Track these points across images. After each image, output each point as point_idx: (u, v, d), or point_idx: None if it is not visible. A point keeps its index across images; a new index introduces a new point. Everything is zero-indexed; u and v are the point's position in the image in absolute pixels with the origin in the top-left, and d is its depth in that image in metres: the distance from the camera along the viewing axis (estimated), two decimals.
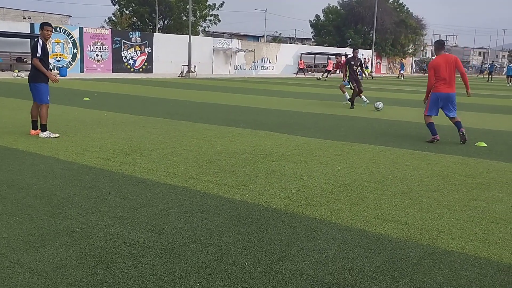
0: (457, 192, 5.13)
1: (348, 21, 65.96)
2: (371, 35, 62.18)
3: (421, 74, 68.70)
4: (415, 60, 77.36)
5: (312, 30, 72.27)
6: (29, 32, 30.99)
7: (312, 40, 74.98)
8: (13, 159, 6.03)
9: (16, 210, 4.06)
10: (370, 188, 5.19)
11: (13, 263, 3.05)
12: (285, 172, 5.79)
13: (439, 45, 8.69)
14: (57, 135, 7.75)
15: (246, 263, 3.18)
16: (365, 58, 53.81)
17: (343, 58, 18.05)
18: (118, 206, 4.29)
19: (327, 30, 68.58)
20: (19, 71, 27.93)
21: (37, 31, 31.33)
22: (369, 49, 61.19)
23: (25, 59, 30.26)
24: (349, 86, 15.18)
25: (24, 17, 53.30)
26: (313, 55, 52.98)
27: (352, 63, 14.99)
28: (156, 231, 3.69)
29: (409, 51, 70.35)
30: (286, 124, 10.25)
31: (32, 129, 7.94)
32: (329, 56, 46.05)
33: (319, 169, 6.01)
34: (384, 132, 9.60)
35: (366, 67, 16.07)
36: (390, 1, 69.06)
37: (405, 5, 70.57)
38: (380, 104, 14.14)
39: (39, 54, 7.57)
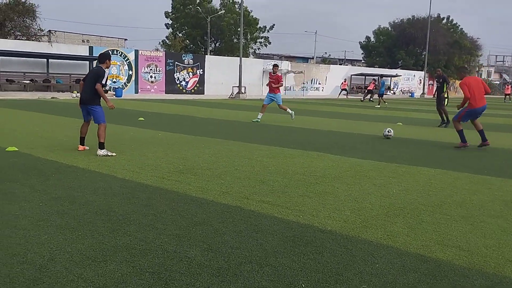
0: None
1: (400, 42, 65.18)
2: (423, 56, 61.07)
3: None
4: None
5: (362, 52, 71.88)
6: (88, 55, 32.48)
7: (362, 61, 74.46)
8: (74, 176, 6.28)
9: (78, 226, 4.21)
10: (427, 212, 5.03)
11: (77, 277, 3.15)
12: (338, 194, 5.72)
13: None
14: (114, 154, 8.03)
15: (303, 285, 3.14)
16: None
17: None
18: (174, 224, 4.36)
19: (377, 51, 68.03)
20: (77, 92, 29.24)
21: (96, 53, 32.83)
22: (421, 71, 60.05)
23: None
24: None
25: (83, 41, 55.92)
26: (363, 76, 52.52)
27: (436, 79, 15.85)
28: (212, 250, 3.72)
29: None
30: (338, 145, 10.16)
31: (80, 144, 8.50)
32: (374, 78, 45.40)
33: (373, 191, 5.90)
34: (438, 154, 9.32)
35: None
36: (443, 22, 67.78)
37: (459, 25, 69.14)
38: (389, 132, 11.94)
39: (103, 82, 8.15)
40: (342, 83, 46.83)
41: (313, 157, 8.50)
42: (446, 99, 16.30)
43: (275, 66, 16.26)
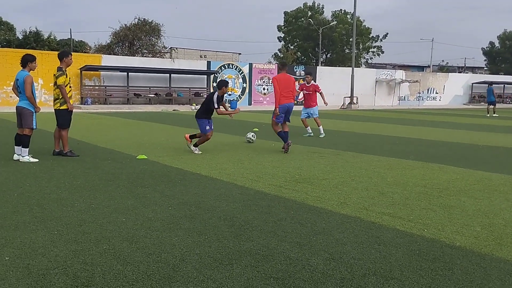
0: None
1: None
2: None
3: None
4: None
5: (485, 58, 67.08)
6: (205, 69, 34.23)
7: (485, 68, 69.42)
8: (197, 183, 6.63)
9: (204, 230, 4.43)
10: None
11: (207, 277, 3.31)
12: (466, 208, 5.36)
13: None
14: (200, 152, 9.41)
15: None
16: None
17: None
18: (295, 232, 4.40)
19: (503, 57, 63.08)
20: (196, 104, 30.89)
21: (213, 68, 34.51)
22: None
23: (202, 94, 33.40)
24: None
25: (201, 56, 59.15)
26: (487, 85, 48.83)
27: None
28: (334, 260, 3.69)
29: None
30: (461, 157, 9.55)
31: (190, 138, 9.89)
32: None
33: (506, 207, 5.44)
34: None
35: None
36: None
37: None
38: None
39: (215, 106, 9.35)
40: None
41: (434, 169, 8.07)
42: None
43: (309, 75, 14.65)
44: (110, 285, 3.18)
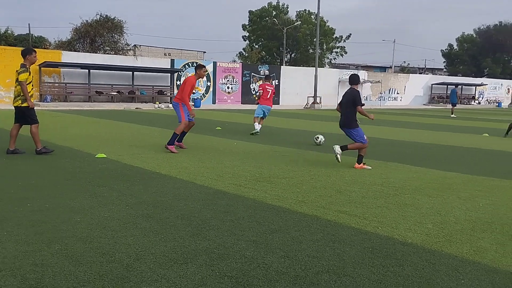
0: None
1: (485, 49, 61.90)
2: (511, 64, 57.50)
3: None
4: None
5: (444, 60, 69.07)
6: (169, 67, 33.90)
7: (444, 70, 71.49)
8: (157, 182, 6.56)
9: (161, 229, 4.39)
10: None
11: (160, 277, 3.28)
12: (420, 206, 5.51)
13: None
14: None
15: None
16: None
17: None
18: (252, 230, 4.42)
19: (461, 59, 65.09)
20: (159, 103, 30.55)
21: (177, 66, 34.21)
22: (509, 79, 56.51)
23: (165, 92, 33.03)
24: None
25: (165, 54, 58.47)
26: (445, 86, 50.35)
27: None
28: (289, 258, 3.73)
29: None
30: (419, 156, 9.81)
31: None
32: None
33: (458, 205, 5.62)
34: None
35: None
36: None
37: None
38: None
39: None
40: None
41: (392, 168, 8.26)
42: None
43: (268, 77, 14.96)
44: (60, 286, 3.11)
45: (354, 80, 8.64)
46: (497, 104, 54.07)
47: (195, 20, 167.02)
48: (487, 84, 54.67)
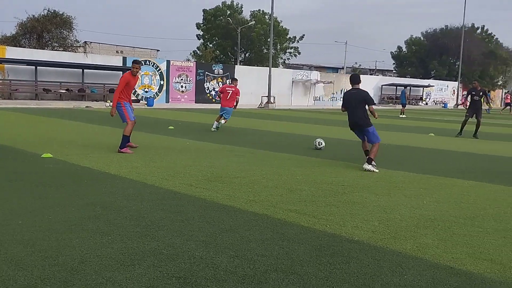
0: None
1: (432, 52, 64.17)
2: (456, 66, 59.96)
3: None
4: (505, 92, 73.38)
5: (393, 62, 71.07)
6: (121, 65, 33.21)
7: (394, 71, 73.61)
8: (106, 182, 6.41)
9: (109, 230, 4.29)
10: (459, 224, 4.92)
11: (106, 279, 3.21)
12: (367, 204, 5.66)
13: None
14: (377, 170, 8.04)
15: None
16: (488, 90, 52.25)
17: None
18: (202, 230, 4.40)
19: (409, 61, 67.18)
20: (110, 101, 29.88)
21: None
22: (454, 81, 58.91)
23: None
24: None
25: (117, 52, 57.23)
26: (395, 87, 51.90)
27: (474, 93, 15.50)
28: (238, 257, 3.73)
29: (499, 83, 66.94)
30: None
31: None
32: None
33: (403, 202, 5.81)
34: (475, 167, 9.11)
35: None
36: (477, 31, 66.50)
37: (494, 35, 67.64)
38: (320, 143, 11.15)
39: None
40: (506, 97, 46.45)
41: (342, 166, 8.43)
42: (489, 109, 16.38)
43: (235, 80, 15.33)
44: None
45: (356, 79, 8.77)
46: (443, 105, 56.24)
47: (148, 17, 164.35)
48: (434, 86, 56.78)
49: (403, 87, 38.34)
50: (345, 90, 37.09)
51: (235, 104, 14.74)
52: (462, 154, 11.03)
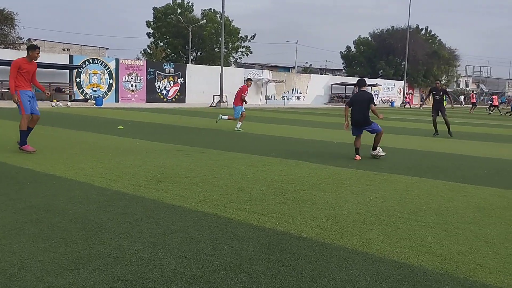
0: (494, 225, 4.98)
1: (380, 52, 65.97)
2: (402, 66, 61.95)
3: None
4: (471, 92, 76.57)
5: (343, 61, 72.55)
6: (68, 63, 32.18)
7: (343, 71, 75.16)
8: (50, 184, 6.19)
9: (52, 234, 4.15)
10: (403, 219, 5.09)
11: (48, 285, 3.10)
12: (316, 201, 5.75)
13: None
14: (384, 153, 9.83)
15: None
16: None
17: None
18: (150, 232, 4.33)
19: (358, 61, 68.75)
20: (57, 101, 28.90)
21: (76, 62, 32.51)
22: (401, 80, 60.86)
23: (63, 89, 31.32)
24: None
25: (63, 50, 55.43)
26: (344, 86, 53.04)
27: (434, 92, 16.05)
28: (187, 257, 3.70)
29: (442, 82, 69.72)
30: (317, 154, 10.22)
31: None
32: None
33: (350, 199, 5.94)
34: (418, 163, 9.44)
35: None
36: (422, 32, 68.93)
37: (437, 36, 70.33)
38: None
39: None
40: (472, 96, 47.67)
41: (292, 165, 8.53)
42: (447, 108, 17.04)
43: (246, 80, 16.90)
44: None
45: (362, 83, 10.00)
46: (390, 104, 58.02)
47: (97, 15, 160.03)
48: (381, 85, 58.43)
49: (352, 87, 39.25)
50: (296, 89, 37.28)
51: (242, 102, 16.02)
52: (408, 151, 11.40)
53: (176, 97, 38.66)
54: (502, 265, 3.78)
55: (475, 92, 62.84)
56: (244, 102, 16.14)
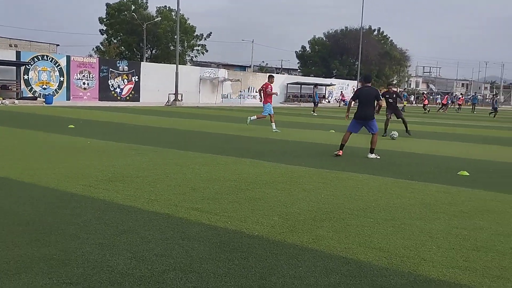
0: (439, 220, 5.17)
1: (334, 52, 67.20)
2: (356, 66, 63.30)
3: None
4: (399, 91, 78.82)
5: (298, 61, 73.41)
6: (15, 60, 30.98)
7: (299, 70, 76.02)
8: None
9: None
10: (353, 216, 5.20)
11: None
12: (268, 200, 5.79)
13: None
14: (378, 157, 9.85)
15: None
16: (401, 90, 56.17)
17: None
18: (99, 233, 4.24)
19: (313, 60, 69.78)
20: (4, 99, 27.78)
21: (23, 58, 31.33)
22: (354, 80, 62.15)
23: (10, 87, 30.14)
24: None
25: (10, 45, 53.28)
26: (299, 85, 53.65)
27: (387, 96, 16.43)
28: (136, 258, 3.64)
29: (394, 82, 71.68)
30: (271, 152, 10.29)
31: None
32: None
33: (302, 197, 6.02)
34: (369, 161, 9.67)
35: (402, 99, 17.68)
36: (374, 33, 70.68)
37: (389, 37, 72.37)
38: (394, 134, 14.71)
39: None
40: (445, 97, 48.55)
41: (246, 164, 8.55)
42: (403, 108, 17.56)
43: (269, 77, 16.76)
44: None
45: (368, 78, 10.30)
46: (344, 103, 59.13)
47: (46, 10, 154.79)
48: (335, 84, 59.48)
49: (312, 86, 39.77)
50: (252, 88, 37.52)
51: (268, 99, 15.85)
52: (358, 150, 11.65)
53: (130, 95, 37.95)
54: (445, 259, 3.93)
55: (425, 92, 64.93)
56: (273, 95, 16.06)
